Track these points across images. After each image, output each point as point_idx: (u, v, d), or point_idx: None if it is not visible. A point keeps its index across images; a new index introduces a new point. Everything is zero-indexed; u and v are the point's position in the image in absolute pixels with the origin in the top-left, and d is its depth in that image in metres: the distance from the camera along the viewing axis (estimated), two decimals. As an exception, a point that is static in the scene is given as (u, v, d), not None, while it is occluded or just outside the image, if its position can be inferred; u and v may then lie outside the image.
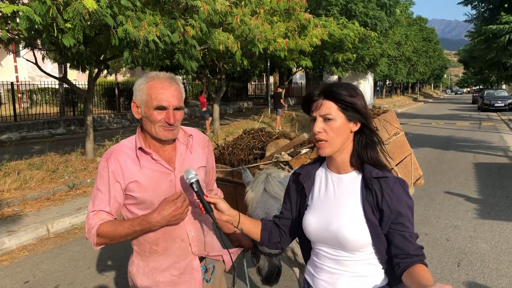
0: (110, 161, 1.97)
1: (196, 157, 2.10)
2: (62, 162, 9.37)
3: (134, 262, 2.09)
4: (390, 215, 1.61)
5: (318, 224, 1.72)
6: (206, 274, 2.14)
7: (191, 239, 2.05)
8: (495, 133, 18.49)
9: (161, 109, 1.89)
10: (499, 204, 7.37)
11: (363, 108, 1.65)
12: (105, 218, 1.94)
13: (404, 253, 1.60)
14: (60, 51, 8.41)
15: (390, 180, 1.64)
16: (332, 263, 1.73)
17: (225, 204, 1.86)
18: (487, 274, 4.66)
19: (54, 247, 5.87)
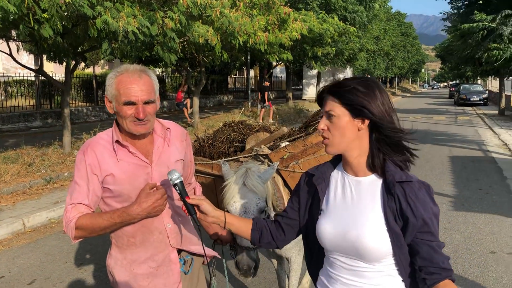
0: (87, 154, 1.96)
1: (173, 151, 2.09)
2: (38, 155, 9.21)
3: (112, 255, 2.09)
4: (416, 224, 1.48)
5: (334, 232, 1.59)
6: (184, 266, 2.15)
7: (168, 232, 2.05)
8: (470, 127, 18.89)
9: (130, 105, 1.88)
10: (472, 196, 7.56)
11: (369, 104, 1.51)
12: (83, 211, 1.92)
13: (432, 266, 1.48)
14: (36, 42, 8.24)
15: (415, 184, 1.52)
16: (349, 274, 1.60)
17: (209, 205, 1.80)
18: (460, 264, 4.79)
19: (30, 242, 5.79)
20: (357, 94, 1.52)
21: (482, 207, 6.90)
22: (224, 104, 30.64)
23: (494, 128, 17.89)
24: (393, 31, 45.00)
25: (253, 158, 3.16)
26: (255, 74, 42.34)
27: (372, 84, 1.56)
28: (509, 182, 8.57)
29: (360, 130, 1.55)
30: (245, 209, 2.41)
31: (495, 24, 11.27)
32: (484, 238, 5.56)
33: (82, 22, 7.90)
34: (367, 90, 1.53)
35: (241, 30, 11.49)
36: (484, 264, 4.78)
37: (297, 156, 3.03)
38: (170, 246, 2.07)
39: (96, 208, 2.02)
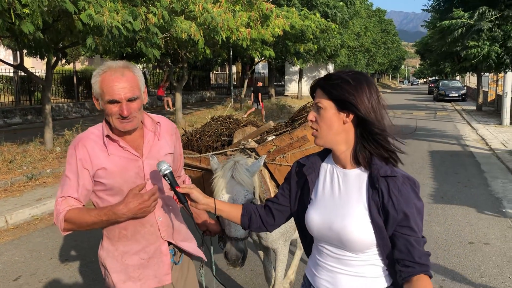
0: (78, 149, 2.00)
1: (163, 144, 2.13)
2: (19, 152, 9.11)
3: (104, 247, 2.12)
4: (396, 217, 1.52)
5: (321, 222, 1.65)
6: (174, 257, 2.20)
7: (159, 224, 2.09)
8: (449, 122, 19.27)
9: (114, 103, 1.91)
10: (451, 189, 7.75)
11: (355, 98, 1.54)
12: (73, 204, 1.96)
13: (407, 259, 1.52)
14: (16, 37, 8.13)
15: (399, 179, 1.54)
16: (335, 262, 1.66)
17: (199, 193, 1.85)
18: (439, 255, 4.93)
19: (14, 239, 5.75)
20: (344, 88, 1.55)
21: (461, 200, 7.08)
22: (206, 100, 30.59)
23: (472, 123, 18.29)
24: (373, 28, 45.45)
25: (240, 152, 3.22)
26: (237, 70, 42.32)
27: (361, 78, 1.59)
28: (486, 176, 8.80)
29: (346, 124, 1.58)
30: (234, 201, 2.47)
31: (472, 21, 11.51)
32: (462, 230, 5.73)
33: (63, 17, 7.83)
34: (354, 84, 1.55)
35: (224, 25, 11.52)
36: (463, 254, 4.94)
37: (284, 150, 3.10)
38: (161, 239, 2.11)
39: (88, 201, 2.05)
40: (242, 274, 4.47)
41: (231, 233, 2.43)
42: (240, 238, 2.43)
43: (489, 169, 9.41)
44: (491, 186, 7.95)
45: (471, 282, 4.28)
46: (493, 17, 11.46)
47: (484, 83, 27.00)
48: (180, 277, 2.22)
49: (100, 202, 2.06)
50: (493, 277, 4.38)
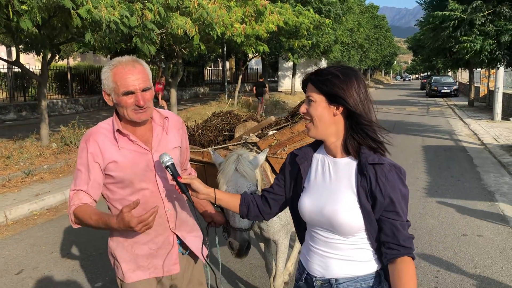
0: (89, 143, 2.06)
1: (171, 138, 2.21)
2: (16, 148, 9.12)
3: (114, 237, 2.19)
4: (383, 202, 1.61)
5: (313, 207, 1.74)
6: (181, 247, 2.28)
7: (168, 216, 2.17)
8: (442, 118, 19.46)
9: (129, 94, 1.98)
10: (445, 183, 7.88)
11: (344, 92, 1.64)
12: (82, 198, 2.03)
13: (392, 241, 1.62)
14: (12, 33, 8.12)
15: (386, 167, 1.64)
16: (325, 247, 1.75)
17: (200, 184, 1.95)
18: (434, 247, 5.04)
19: (14, 234, 5.80)
20: (334, 82, 1.64)
21: (454, 194, 7.21)
22: (200, 96, 30.58)
23: (464, 118, 18.48)
24: (366, 24, 45.56)
25: (242, 146, 3.29)
26: (230, 66, 42.30)
27: (350, 73, 1.67)
28: (479, 170, 8.95)
29: (336, 116, 1.67)
30: (238, 193, 2.55)
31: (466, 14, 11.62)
32: (456, 222, 5.85)
33: (59, 13, 7.84)
34: (344, 78, 1.64)
35: (219, 21, 11.55)
36: (456, 246, 5.05)
37: (284, 143, 3.18)
38: (169, 230, 2.18)
39: (99, 195, 2.12)
40: (242, 267, 4.56)
41: (235, 224, 2.51)
42: (244, 229, 2.52)
43: (481, 164, 9.56)
44: (483, 180, 8.09)
45: (465, 272, 4.39)
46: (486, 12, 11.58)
47: (476, 78, 27.25)
48: (187, 266, 2.30)
49: (110, 194, 2.13)
50: (486, 268, 4.50)
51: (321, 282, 1.78)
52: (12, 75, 17.97)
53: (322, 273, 1.77)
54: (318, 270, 1.78)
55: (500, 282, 4.19)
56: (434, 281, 4.23)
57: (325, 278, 1.76)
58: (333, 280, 1.74)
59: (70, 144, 9.99)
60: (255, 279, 4.34)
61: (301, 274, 1.89)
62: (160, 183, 2.13)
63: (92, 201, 2.06)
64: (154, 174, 2.11)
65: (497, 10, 11.68)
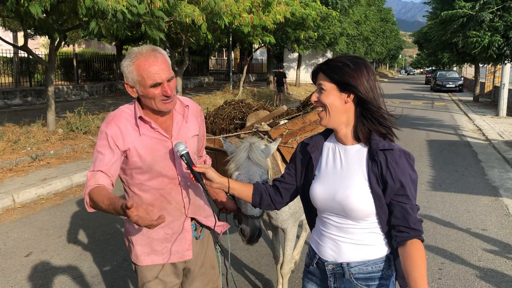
0: (110, 126, 2.08)
1: (190, 126, 2.24)
2: (23, 133, 9.16)
3: (128, 221, 2.23)
4: (394, 187, 1.66)
5: (325, 193, 1.78)
6: (195, 232, 2.32)
7: (185, 202, 2.21)
8: (446, 113, 19.43)
9: (156, 86, 1.99)
10: (449, 178, 7.91)
11: (355, 80, 1.68)
12: (99, 179, 2.00)
13: (402, 225, 1.67)
14: (21, 18, 8.14)
15: (396, 152, 1.69)
16: (337, 231, 1.80)
17: (214, 173, 1.98)
18: (438, 240, 5.09)
19: (22, 217, 5.86)
20: (345, 70, 1.69)
21: (458, 188, 7.24)
22: (205, 85, 30.56)
23: (469, 114, 18.45)
24: (373, 16, 45.27)
25: (253, 135, 3.32)
26: (235, 56, 42.18)
27: (360, 62, 1.73)
28: (483, 165, 8.97)
29: (347, 103, 1.72)
30: (250, 180, 2.57)
31: (474, 11, 11.57)
32: (460, 216, 5.89)
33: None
34: (354, 67, 1.69)
35: (227, 10, 11.53)
36: (461, 239, 5.10)
37: (296, 133, 3.21)
38: (185, 215, 2.22)
39: (117, 178, 2.14)
40: (248, 254, 4.61)
41: (247, 211, 2.55)
42: (256, 216, 2.55)
43: (485, 159, 9.57)
44: (487, 175, 8.11)
45: (469, 264, 4.44)
46: (495, 7, 11.52)
47: (481, 74, 27.13)
48: (200, 251, 2.35)
49: (129, 179, 2.15)
50: (490, 261, 4.54)
51: (333, 266, 1.82)
52: (18, 60, 17.99)
53: (334, 257, 1.82)
54: (330, 254, 1.83)
55: (504, 274, 4.24)
56: (438, 272, 4.28)
57: (337, 262, 1.81)
58: (345, 264, 1.79)
59: (76, 130, 10.04)
60: (261, 266, 4.40)
61: (312, 259, 1.93)
62: (179, 170, 2.16)
63: (110, 182, 2.03)
64: (174, 161, 2.14)
65: (506, 6, 11.61)
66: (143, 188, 2.15)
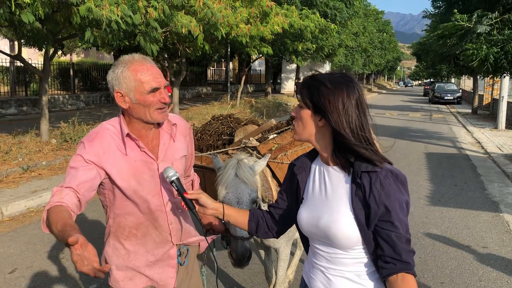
0: (91, 143, 1.90)
1: (178, 146, 2.09)
2: (15, 143, 9.02)
3: (110, 243, 2.08)
4: (377, 211, 1.47)
5: (309, 219, 1.64)
6: (180, 258, 2.17)
7: (171, 229, 2.06)
8: (445, 125, 19.34)
9: (155, 91, 1.87)
10: (448, 192, 7.77)
11: (328, 104, 1.51)
12: (64, 197, 1.75)
13: (388, 255, 1.48)
14: (15, 27, 8.04)
15: (381, 173, 1.50)
16: (327, 263, 1.64)
17: (208, 198, 1.83)
18: (437, 257, 4.93)
19: (10, 230, 5.70)
20: (321, 92, 1.53)
21: (458, 203, 7.10)
22: (202, 96, 30.51)
23: (468, 126, 18.36)
24: (372, 28, 45.45)
25: (241, 151, 3.19)
26: (233, 67, 42.24)
27: (342, 83, 1.54)
28: (482, 179, 8.83)
29: (319, 127, 1.57)
30: (238, 200, 2.45)
31: (471, 24, 11.52)
32: (460, 233, 5.73)
33: (63, 8, 7.75)
34: (332, 88, 1.52)
35: (224, 21, 11.46)
36: (460, 257, 4.94)
37: (286, 148, 3.08)
38: (170, 243, 2.08)
39: (87, 196, 1.86)
40: (241, 273, 4.45)
41: (236, 232, 2.41)
42: (245, 238, 2.41)
43: (485, 173, 9.44)
44: (487, 190, 7.97)
45: (470, 285, 4.28)
46: (493, 20, 11.47)
47: (480, 86, 27.13)
48: (185, 277, 2.21)
49: (110, 202, 2.00)
50: (491, 281, 4.38)
51: None
52: (14, 69, 17.91)
53: None
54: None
55: (505, 297, 4.09)
56: (437, 293, 4.12)
57: None
58: None
59: (70, 141, 9.89)
60: (254, 285, 4.23)
61: None
62: (165, 195, 2.01)
63: (77, 202, 1.77)
64: (160, 185, 1.99)
65: (504, 19, 11.57)
66: (126, 211, 1.99)
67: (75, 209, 1.76)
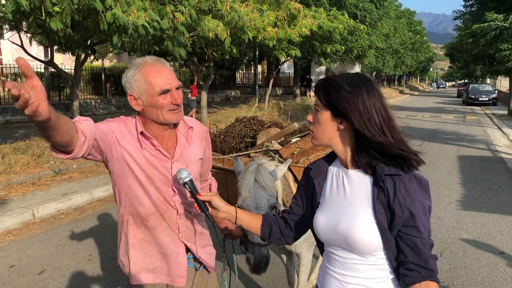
0: (118, 123, 1.96)
1: (194, 149, 2.10)
2: (47, 147, 9.25)
3: (121, 235, 2.10)
4: (401, 216, 1.43)
5: (327, 224, 1.59)
6: (195, 263, 2.16)
7: (179, 224, 2.06)
8: (479, 127, 18.77)
9: (165, 93, 1.88)
10: (481, 196, 7.52)
11: (348, 107, 1.47)
12: (81, 120, 1.74)
13: (412, 261, 1.44)
14: (47, 34, 8.27)
15: (405, 177, 1.46)
16: (342, 269, 1.59)
17: (220, 201, 1.82)
18: (468, 264, 4.77)
19: (40, 232, 5.84)
20: (340, 94, 1.48)
21: (491, 207, 6.86)
22: (231, 99, 30.67)
23: (503, 128, 17.76)
24: (403, 29, 44.67)
25: (263, 154, 3.16)
26: (262, 70, 42.29)
27: (360, 83, 1.50)
28: (518, 183, 8.52)
29: (340, 130, 1.53)
30: (257, 205, 2.40)
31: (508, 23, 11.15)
32: (493, 239, 5.53)
33: (92, 15, 7.93)
34: (351, 90, 1.48)
35: (251, 25, 11.49)
36: (493, 265, 4.76)
37: (308, 152, 3.03)
38: (178, 240, 2.07)
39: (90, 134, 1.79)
40: (264, 277, 4.41)
41: (253, 238, 2.37)
42: (263, 244, 2.37)
43: (521, 176, 9.10)
44: (523, 194, 7.68)
45: (501, 294, 4.12)
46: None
47: (517, 87, 26.22)
48: (200, 282, 2.19)
49: (123, 190, 2.00)
50: (525, 289, 4.21)
51: None
52: (49, 75, 18.43)
53: None
54: None
55: (540, 307, 3.91)
56: (467, 302, 3.98)
57: None
58: None
59: (100, 144, 10.08)
60: (277, 290, 4.19)
61: None
62: (175, 193, 2.02)
63: (78, 127, 1.69)
64: (171, 184, 2.01)
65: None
66: (139, 202, 2.00)
67: (72, 124, 1.66)
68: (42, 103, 1.34)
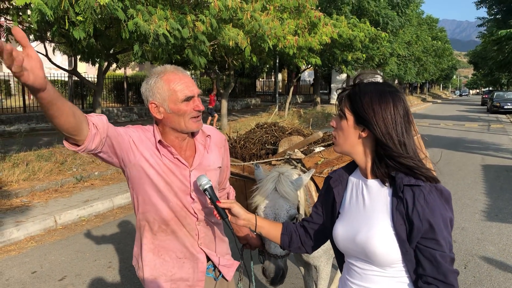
0: (137, 129, 1.97)
1: (213, 158, 2.09)
2: (70, 154, 9.40)
3: (139, 240, 2.09)
4: (421, 228, 1.40)
5: (346, 234, 1.57)
6: (214, 273, 2.14)
7: (198, 230, 2.05)
8: (504, 135, 18.35)
9: (188, 100, 1.89)
10: (507, 207, 7.32)
11: (373, 116, 1.45)
12: (93, 115, 1.77)
13: (430, 275, 1.41)
14: (71, 43, 8.43)
15: (425, 188, 1.42)
16: (362, 280, 1.56)
17: (240, 208, 1.81)
18: (494, 277, 4.63)
19: (62, 239, 5.90)
20: (366, 102, 1.47)
21: (517, 219, 6.67)
22: (251, 107, 30.70)
23: (530, 137, 17.33)
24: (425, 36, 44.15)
25: (285, 162, 3.11)
26: (283, 78, 42.31)
27: (387, 92, 1.48)
28: (546, 193, 8.26)
29: (361, 138, 1.51)
30: (275, 216, 2.35)
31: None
32: (519, 251, 5.37)
33: (115, 24, 8.05)
34: (377, 99, 1.46)
35: (271, 33, 11.51)
36: (520, 278, 4.61)
37: (333, 163, 2.95)
38: (197, 246, 2.06)
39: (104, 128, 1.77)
40: (282, 287, 4.36)
41: (270, 249, 2.33)
42: (280, 256, 2.32)
43: (548, 187, 8.83)
44: (551, 205, 7.44)
45: (529, 309, 3.98)
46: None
47: (543, 94, 25.63)
48: (219, 289, 2.17)
49: (142, 197, 1.99)
50: (554, 304, 4.05)
51: None
52: (72, 83, 18.76)
53: None
54: None
55: None
56: (493, 316, 3.85)
57: None
58: None
59: (121, 152, 10.20)
60: (296, 301, 4.14)
61: None
62: (194, 201, 2.01)
63: (87, 119, 1.69)
64: (189, 192, 1.99)
65: None
66: (156, 207, 1.99)
67: (77, 111, 1.64)
68: (36, 71, 1.35)
